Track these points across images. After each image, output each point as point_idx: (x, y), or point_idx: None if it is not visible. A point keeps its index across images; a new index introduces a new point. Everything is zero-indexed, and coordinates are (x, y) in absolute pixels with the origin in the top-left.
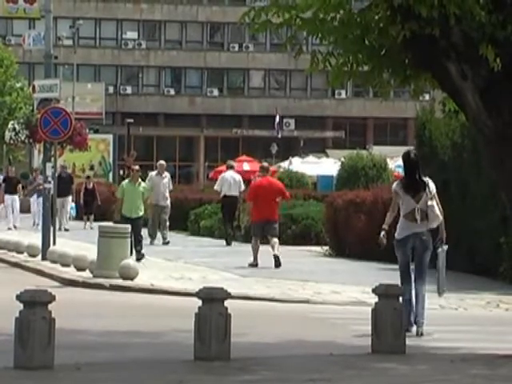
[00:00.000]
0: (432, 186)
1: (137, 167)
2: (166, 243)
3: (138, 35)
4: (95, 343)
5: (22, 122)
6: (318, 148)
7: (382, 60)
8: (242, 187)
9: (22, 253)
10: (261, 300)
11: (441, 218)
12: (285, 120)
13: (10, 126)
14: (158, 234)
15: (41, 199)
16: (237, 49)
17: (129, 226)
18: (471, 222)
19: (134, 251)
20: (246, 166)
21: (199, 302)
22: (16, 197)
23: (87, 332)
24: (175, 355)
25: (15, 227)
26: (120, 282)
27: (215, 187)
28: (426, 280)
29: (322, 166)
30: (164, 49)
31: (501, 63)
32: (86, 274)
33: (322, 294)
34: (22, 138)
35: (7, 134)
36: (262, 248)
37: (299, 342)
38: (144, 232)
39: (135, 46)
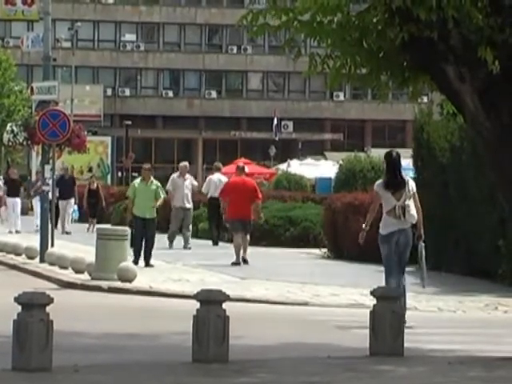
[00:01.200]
0: (412, 184)
1: (147, 165)
2: (187, 248)
3: (137, 37)
4: (93, 345)
5: (21, 124)
6: (317, 150)
7: (381, 62)
8: None
9: (20, 255)
10: (259, 302)
11: (417, 216)
12: (283, 122)
13: (8, 128)
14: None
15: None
16: (235, 51)
17: (127, 229)
18: (470, 224)
19: (130, 252)
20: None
21: (197, 305)
22: (18, 200)
23: (85, 334)
24: (173, 357)
25: (17, 231)
26: (118, 284)
27: (202, 189)
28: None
29: (321, 169)
30: (162, 51)
31: (499, 66)
32: (84, 277)
33: (320, 296)
34: (21, 140)
35: (5, 136)
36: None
37: (297, 344)
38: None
39: (134, 48)
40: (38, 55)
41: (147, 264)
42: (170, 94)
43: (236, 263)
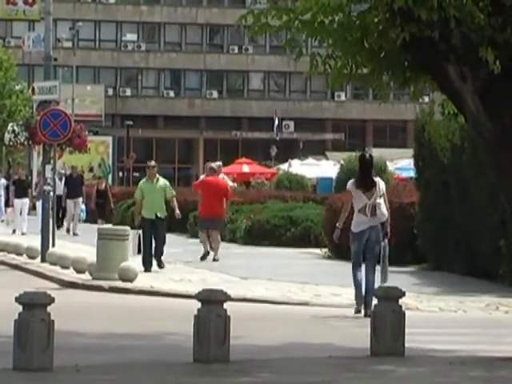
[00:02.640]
0: (382, 185)
1: (152, 163)
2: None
3: (138, 37)
4: (94, 345)
5: (22, 123)
6: (318, 150)
7: (382, 62)
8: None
9: (21, 255)
10: (260, 302)
11: (387, 215)
12: (284, 122)
13: (9, 127)
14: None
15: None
16: (236, 51)
17: (128, 229)
18: (471, 224)
19: (137, 254)
20: (246, 169)
21: (198, 304)
22: (26, 200)
23: (86, 334)
24: (174, 357)
25: (22, 233)
26: (119, 284)
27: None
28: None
29: (322, 169)
30: (163, 51)
31: (500, 66)
32: (85, 276)
33: (321, 296)
34: (22, 140)
35: (7, 136)
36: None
37: (298, 344)
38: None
39: (135, 48)
40: (39, 55)
41: (159, 264)
42: (171, 93)
43: (204, 256)
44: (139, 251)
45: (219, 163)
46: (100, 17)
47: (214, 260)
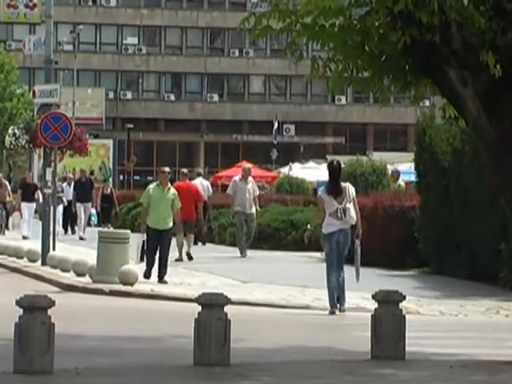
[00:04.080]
0: (352, 190)
1: (166, 169)
2: (243, 256)
3: (139, 40)
4: (95, 348)
5: (23, 127)
6: (318, 154)
7: (382, 66)
8: (211, 191)
9: (21, 258)
10: (260, 306)
11: (355, 218)
12: (285, 126)
13: (10, 131)
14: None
15: (60, 207)
16: (237, 54)
17: (129, 232)
18: (471, 228)
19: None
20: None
21: (199, 308)
22: (33, 205)
23: (87, 337)
24: (175, 361)
25: (26, 237)
26: (120, 287)
27: None
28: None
29: (322, 172)
30: (164, 54)
31: (501, 69)
32: (85, 280)
33: (321, 299)
34: (23, 143)
35: (7, 139)
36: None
37: (299, 347)
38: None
39: (135, 52)
40: (40, 58)
41: (161, 280)
42: (172, 97)
43: (179, 259)
44: (142, 259)
45: (200, 170)
46: (101, 20)
47: (189, 257)
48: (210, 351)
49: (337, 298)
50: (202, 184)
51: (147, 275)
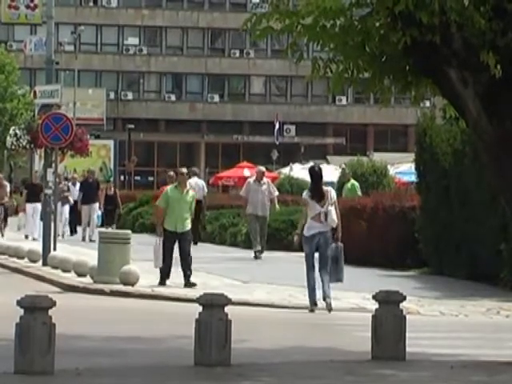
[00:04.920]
0: (333, 194)
1: (183, 170)
2: (258, 257)
3: (139, 41)
4: (95, 349)
5: (24, 127)
6: (319, 154)
7: (383, 67)
8: (206, 191)
9: (22, 258)
10: (261, 306)
11: (337, 220)
12: (285, 126)
13: (11, 131)
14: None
15: (66, 207)
16: (238, 55)
17: (129, 232)
18: (471, 228)
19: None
20: (247, 172)
21: (199, 308)
22: (39, 205)
23: (87, 337)
24: (175, 361)
25: (34, 239)
26: (121, 287)
27: None
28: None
29: (323, 173)
30: (165, 55)
31: (501, 70)
32: (86, 280)
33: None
34: (24, 144)
35: (8, 140)
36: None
37: (299, 348)
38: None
39: (136, 52)
40: (41, 59)
41: (187, 283)
42: (173, 97)
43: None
44: (163, 262)
45: (196, 169)
46: (102, 21)
47: None
48: (210, 351)
49: (322, 297)
50: (197, 184)
51: (163, 281)
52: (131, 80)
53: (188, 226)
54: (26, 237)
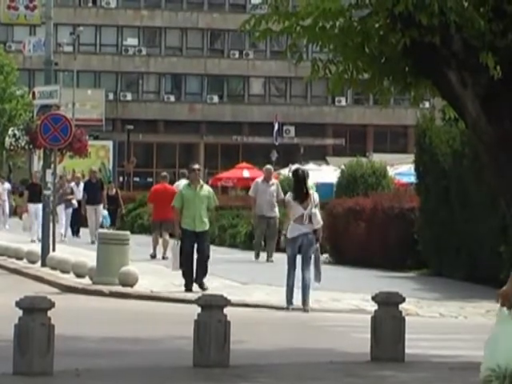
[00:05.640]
0: (316, 196)
1: (196, 166)
2: (270, 261)
3: (139, 42)
4: (94, 350)
5: (22, 128)
6: (318, 155)
7: (382, 68)
8: None
9: (21, 259)
10: (260, 307)
11: (321, 222)
12: (285, 127)
13: (10, 132)
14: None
15: (69, 210)
16: (237, 56)
17: (128, 233)
18: (471, 229)
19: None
20: (246, 173)
21: (198, 309)
22: (40, 206)
23: (86, 338)
24: (174, 362)
25: (39, 240)
26: (120, 288)
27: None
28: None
29: (322, 174)
30: (164, 55)
31: (501, 71)
32: (85, 281)
33: (321, 301)
34: (22, 144)
35: (7, 140)
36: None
37: (298, 349)
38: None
39: (135, 53)
40: (40, 59)
41: (201, 285)
42: (172, 98)
43: (152, 256)
44: (181, 265)
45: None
46: (101, 21)
47: (164, 258)
48: (209, 353)
49: (302, 299)
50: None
51: (189, 286)
52: (130, 81)
53: (206, 225)
54: (33, 241)
